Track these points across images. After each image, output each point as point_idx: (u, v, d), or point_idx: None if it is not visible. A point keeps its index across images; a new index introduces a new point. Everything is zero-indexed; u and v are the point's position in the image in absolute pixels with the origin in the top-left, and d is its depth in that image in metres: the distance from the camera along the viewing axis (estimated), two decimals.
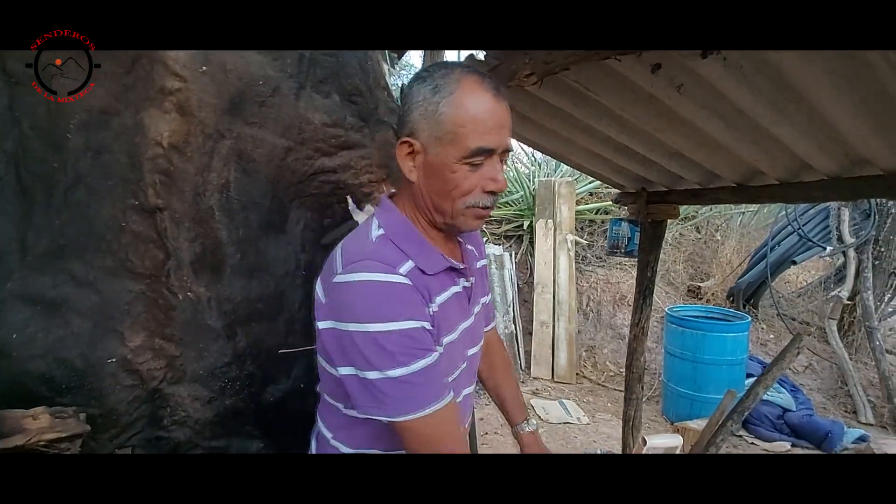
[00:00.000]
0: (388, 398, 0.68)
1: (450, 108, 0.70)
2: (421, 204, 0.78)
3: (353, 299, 0.70)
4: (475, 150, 0.70)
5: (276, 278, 1.16)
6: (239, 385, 1.12)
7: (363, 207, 1.26)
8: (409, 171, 0.76)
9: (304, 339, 1.20)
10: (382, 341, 0.67)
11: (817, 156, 1.46)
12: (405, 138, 0.75)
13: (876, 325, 3.96)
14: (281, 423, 1.20)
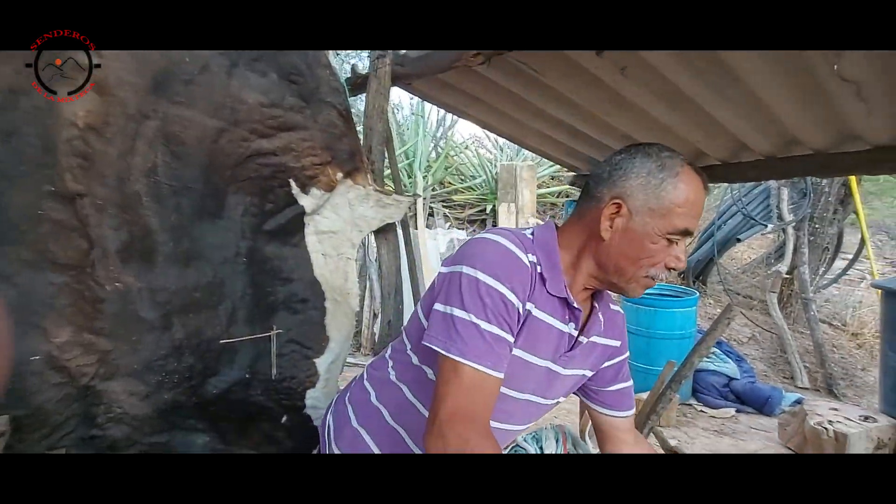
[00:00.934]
0: (458, 336, 0.72)
1: (672, 187, 0.76)
2: (601, 259, 0.82)
3: (480, 251, 0.77)
4: (680, 230, 0.77)
5: (215, 266, 1.12)
6: (178, 378, 1.08)
7: (308, 191, 1.22)
8: (606, 229, 0.79)
9: (248, 327, 1.16)
10: (483, 290, 0.73)
11: (754, 137, 1.52)
12: (616, 200, 0.78)
13: (811, 297, 4.25)
14: (227, 415, 1.17)
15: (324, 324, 1.28)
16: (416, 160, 5.41)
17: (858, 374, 4.13)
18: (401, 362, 0.91)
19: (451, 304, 0.74)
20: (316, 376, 1.26)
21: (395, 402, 0.90)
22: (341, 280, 1.35)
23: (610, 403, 0.99)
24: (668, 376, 1.68)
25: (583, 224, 0.83)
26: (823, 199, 4.27)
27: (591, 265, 0.83)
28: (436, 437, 0.69)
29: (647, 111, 1.46)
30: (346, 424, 0.95)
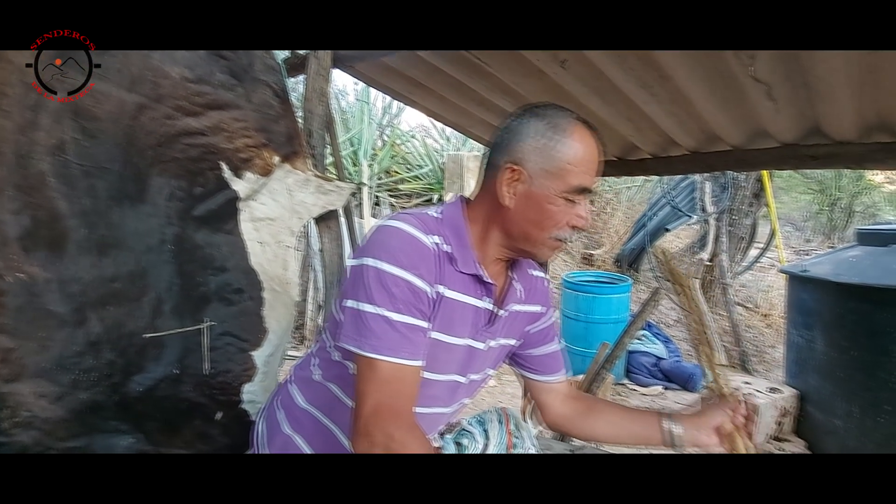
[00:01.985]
0: (370, 332, 0.70)
1: (564, 146, 0.76)
2: (507, 227, 0.81)
3: (381, 239, 0.75)
4: (577, 188, 0.77)
5: (137, 254, 1.03)
6: (96, 376, 0.99)
7: (242, 175, 1.15)
8: (508, 196, 0.78)
9: (177, 320, 1.09)
10: (388, 281, 0.71)
11: (680, 132, 1.62)
12: (512, 164, 0.77)
13: (729, 282, 4.65)
14: (153, 414, 1.09)
15: (261, 315, 1.22)
16: (361, 148, 5.29)
17: (768, 351, 4.58)
18: (324, 360, 0.88)
19: (359, 298, 0.72)
20: (253, 370, 1.20)
21: (324, 401, 0.87)
22: (280, 269, 1.30)
23: (539, 368, 1.00)
24: (603, 357, 1.77)
25: (487, 194, 0.81)
26: (741, 193, 4.66)
27: (498, 235, 0.82)
28: (361, 436, 0.68)
29: (584, 104, 1.51)
30: (276, 431, 0.91)
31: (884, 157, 1.33)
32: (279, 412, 0.93)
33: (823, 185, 8.93)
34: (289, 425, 0.90)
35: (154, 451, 1.13)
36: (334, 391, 0.86)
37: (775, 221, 4.94)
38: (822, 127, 1.34)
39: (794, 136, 1.44)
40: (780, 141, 1.49)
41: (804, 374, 2.73)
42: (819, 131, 1.37)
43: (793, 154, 1.50)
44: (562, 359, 1.03)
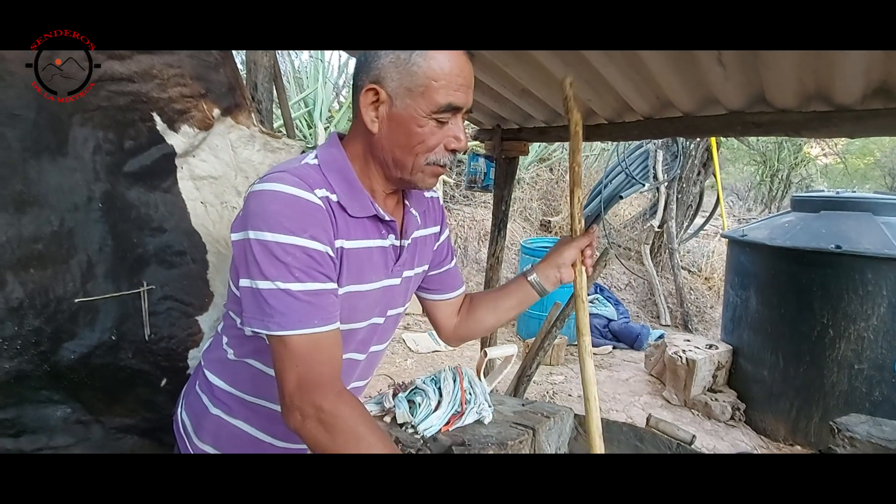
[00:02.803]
0: (272, 310, 0.65)
1: (424, 60, 0.68)
2: (379, 156, 0.74)
3: (260, 208, 0.67)
4: (445, 106, 0.69)
5: (61, 213, 0.94)
6: (21, 344, 0.92)
7: (178, 128, 1.06)
8: (372, 121, 0.72)
9: (111, 284, 1.02)
10: (278, 252, 0.65)
11: (636, 97, 1.64)
12: (371, 85, 0.70)
13: (676, 247, 4.90)
14: (90, 383, 1.03)
15: (206, 278, 1.17)
16: (316, 109, 5.05)
17: (708, 312, 4.91)
18: (235, 338, 0.82)
19: (253, 276, 0.66)
20: (199, 335, 1.16)
21: (245, 378, 0.82)
22: (226, 231, 1.23)
23: (440, 287, 0.98)
24: (554, 316, 1.84)
25: (358, 123, 0.74)
26: (690, 161, 4.85)
27: (375, 166, 0.75)
28: (291, 413, 0.65)
29: (544, 65, 1.49)
30: (205, 414, 0.84)
31: (819, 126, 1.41)
32: (202, 396, 0.86)
33: (765, 157, 9.43)
34: (215, 406, 0.84)
35: (93, 420, 1.08)
36: (254, 365, 0.81)
37: (720, 191, 5.19)
38: (766, 95, 1.39)
39: (740, 103, 1.49)
40: (728, 108, 1.53)
41: (739, 330, 2.96)
42: (763, 99, 1.43)
43: (738, 121, 1.55)
44: (459, 275, 1.03)
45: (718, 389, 3.01)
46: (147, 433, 1.17)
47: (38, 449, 1.01)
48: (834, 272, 2.43)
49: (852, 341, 2.41)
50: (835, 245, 2.40)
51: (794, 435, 2.63)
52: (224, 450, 0.83)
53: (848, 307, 2.39)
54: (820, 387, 2.51)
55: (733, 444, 2.62)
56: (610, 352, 4.00)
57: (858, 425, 0.98)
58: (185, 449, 0.85)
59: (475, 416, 1.10)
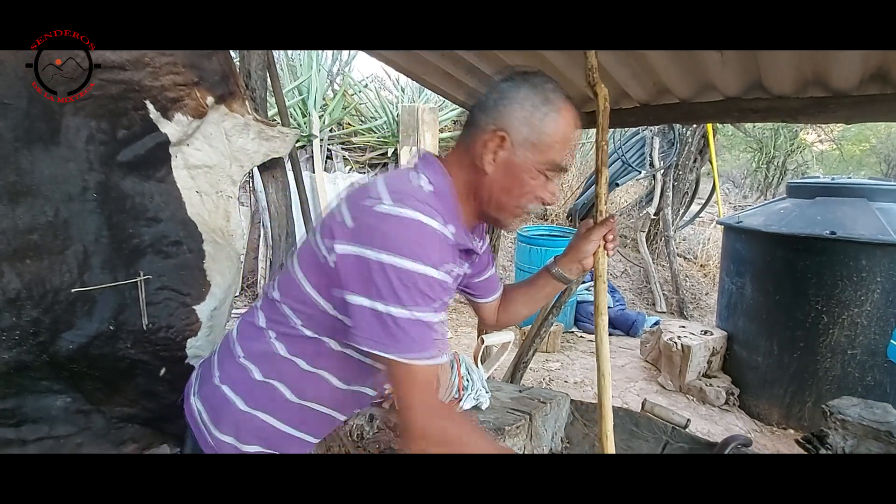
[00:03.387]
0: (406, 337, 0.67)
1: (554, 121, 0.75)
2: (483, 195, 0.79)
3: (402, 234, 0.67)
4: (557, 165, 0.77)
5: (56, 203, 0.94)
6: (19, 335, 0.92)
7: (171, 117, 1.05)
8: (489, 162, 0.76)
9: (108, 274, 1.02)
10: (422, 284, 0.67)
11: (633, 84, 1.63)
12: (500, 131, 0.75)
13: (672, 235, 4.91)
14: (89, 372, 1.03)
15: (203, 268, 1.16)
16: (310, 97, 5.00)
17: (703, 298, 4.94)
18: (287, 335, 0.81)
19: (384, 300, 0.67)
20: (197, 324, 1.16)
21: (293, 376, 0.81)
22: (222, 220, 1.23)
23: (483, 293, 1.05)
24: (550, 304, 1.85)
25: (466, 156, 0.79)
26: (686, 149, 4.84)
27: (472, 200, 0.80)
28: (419, 439, 0.69)
29: (541, 52, 1.48)
30: (229, 408, 0.82)
31: (815, 112, 1.40)
32: (229, 389, 0.83)
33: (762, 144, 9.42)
34: (248, 403, 0.82)
35: (94, 409, 1.08)
36: (301, 365, 0.80)
37: (716, 178, 5.20)
38: (763, 81, 1.38)
39: (737, 89, 1.48)
40: (725, 94, 1.53)
41: (733, 317, 2.98)
42: (760, 85, 1.42)
43: (735, 107, 1.55)
44: (498, 279, 1.10)
45: (713, 375, 3.05)
46: (148, 422, 1.18)
47: (39, 438, 1.02)
48: (828, 258, 2.44)
49: (846, 327, 2.43)
50: (829, 231, 2.41)
51: (788, 419, 2.67)
52: (245, 441, 0.81)
53: (842, 293, 2.41)
54: (813, 372, 2.54)
55: (727, 429, 2.66)
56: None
57: (850, 408, 1.00)
58: (203, 438, 0.82)
59: (472, 402, 1.12)
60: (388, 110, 5.32)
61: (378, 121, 5.33)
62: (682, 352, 2.98)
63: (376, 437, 0.93)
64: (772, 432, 2.69)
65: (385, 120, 5.29)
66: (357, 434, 0.93)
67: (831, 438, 0.94)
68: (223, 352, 0.87)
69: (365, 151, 5.31)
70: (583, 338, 4.06)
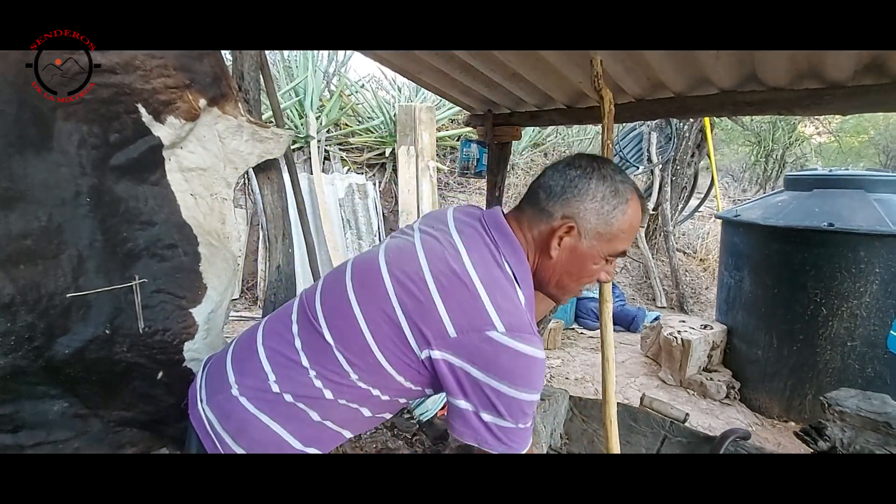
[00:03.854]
0: (510, 441, 0.73)
1: (623, 214, 0.78)
2: (545, 276, 0.82)
3: (517, 368, 0.71)
4: (620, 252, 0.82)
5: (49, 208, 0.93)
6: (14, 340, 0.92)
7: (164, 120, 1.05)
8: (555, 248, 0.79)
9: (103, 278, 1.01)
10: (528, 407, 0.73)
11: (628, 79, 1.62)
12: (570, 222, 0.78)
13: (671, 230, 4.91)
14: (86, 377, 1.03)
15: (198, 270, 1.16)
16: (306, 98, 4.99)
17: (703, 293, 4.94)
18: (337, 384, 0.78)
19: (494, 414, 0.72)
20: (194, 327, 1.16)
21: (327, 406, 0.80)
22: (218, 223, 1.23)
23: None
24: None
25: (533, 236, 0.81)
26: (684, 143, 4.83)
27: (534, 278, 0.83)
28: None
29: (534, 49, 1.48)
30: (246, 418, 0.79)
31: (811, 103, 1.40)
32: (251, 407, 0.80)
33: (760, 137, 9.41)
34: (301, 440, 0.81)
35: (91, 414, 1.08)
36: (340, 401, 0.79)
37: (715, 172, 5.19)
38: (758, 73, 1.38)
39: (731, 82, 1.48)
40: (719, 87, 1.52)
41: (733, 311, 2.98)
42: (755, 78, 1.42)
43: (730, 100, 1.54)
44: None
45: (713, 369, 3.05)
46: (147, 426, 1.18)
47: (37, 443, 1.02)
48: (826, 250, 2.44)
49: (845, 319, 2.43)
50: (827, 223, 2.41)
51: (789, 412, 2.67)
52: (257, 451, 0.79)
53: (841, 285, 2.41)
54: (813, 365, 2.54)
55: (728, 422, 2.66)
56: None
57: (848, 399, 1.00)
58: (213, 446, 0.80)
59: None
60: (385, 110, 5.32)
61: (375, 121, 5.32)
62: (683, 346, 2.98)
63: (374, 437, 0.93)
64: (773, 425, 2.70)
65: (382, 120, 5.28)
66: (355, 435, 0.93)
67: (829, 430, 0.94)
68: (246, 366, 0.83)
69: (362, 152, 5.31)
70: (583, 334, 4.06)
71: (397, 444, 0.87)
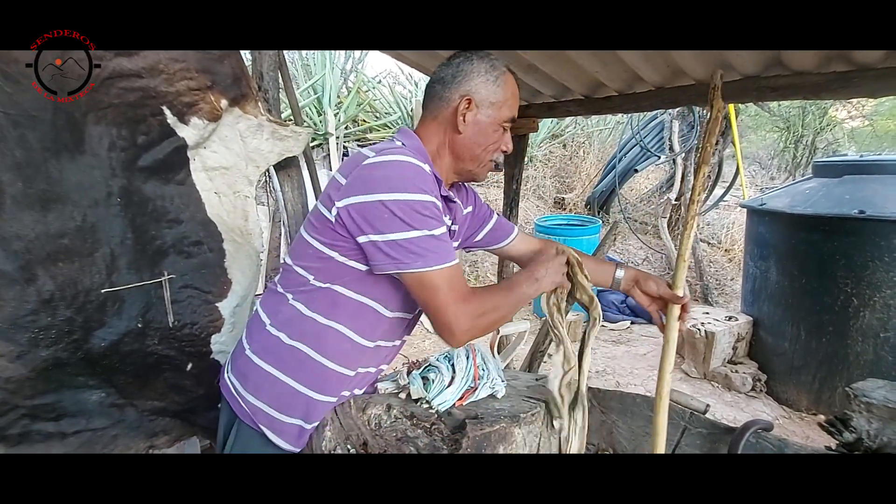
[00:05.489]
0: (422, 250, 0.80)
1: (504, 83, 0.94)
2: (458, 151, 0.95)
3: (390, 174, 0.81)
4: (510, 118, 0.96)
5: (83, 209, 0.98)
6: (55, 333, 0.97)
7: (188, 121, 1.09)
8: (461, 123, 0.92)
9: (134, 274, 1.06)
10: (419, 206, 0.80)
11: (646, 68, 1.60)
12: (466, 96, 0.91)
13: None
14: (121, 368, 1.09)
15: (224, 266, 1.21)
16: (324, 95, 5.05)
17: (728, 284, 4.82)
18: (303, 292, 0.91)
19: (394, 230, 0.79)
20: (220, 321, 1.20)
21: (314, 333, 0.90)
22: (241, 220, 1.27)
23: (492, 241, 1.18)
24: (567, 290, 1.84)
25: (438, 123, 0.94)
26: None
27: (449, 160, 0.96)
28: (458, 337, 0.82)
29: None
30: (260, 374, 0.92)
31: (839, 87, 1.35)
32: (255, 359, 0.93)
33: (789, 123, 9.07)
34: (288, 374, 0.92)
35: (127, 403, 1.14)
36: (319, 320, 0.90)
37: (740, 160, 5.04)
38: (783, 57, 1.34)
39: (755, 68, 1.44)
40: (742, 73, 1.48)
41: (758, 302, 2.91)
42: (780, 62, 1.38)
43: (753, 86, 1.50)
44: (505, 224, 1.21)
45: (739, 361, 2.98)
46: (178, 415, 1.24)
47: (77, 431, 1.08)
48: (857, 239, 2.35)
49: (878, 310, 2.35)
50: (858, 210, 2.32)
51: (818, 405, 2.60)
52: (277, 406, 0.90)
53: (873, 275, 2.33)
54: (844, 357, 2.46)
55: (753, 415, 2.60)
56: (628, 327, 3.99)
57: (875, 390, 0.97)
58: (238, 405, 0.92)
59: (488, 391, 1.12)
60: (402, 105, 5.34)
61: (392, 116, 5.35)
62: (706, 338, 2.93)
63: (394, 425, 0.95)
64: (801, 418, 2.63)
65: (399, 115, 5.31)
66: (375, 423, 0.95)
67: (855, 421, 0.92)
68: (252, 325, 0.97)
69: None
70: (603, 326, 4.03)
71: (416, 433, 0.89)
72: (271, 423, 0.89)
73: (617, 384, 2.97)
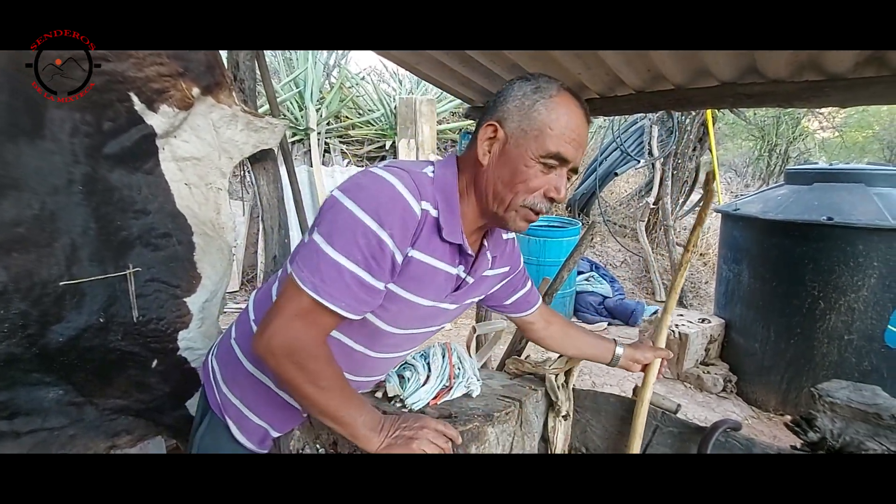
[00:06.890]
0: (320, 272, 0.69)
1: (545, 108, 0.74)
2: (481, 187, 0.78)
3: (369, 186, 0.71)
4: (554, 153, 0.74)
5: (42, 196, 0.93)
6: (8, 327, 0.92)
7: (157, 108, 1.04)
8: (484, 154, 0.77)
9: (97, 267, 1.02)
10: (360, 231, 0.68)
11: (627, 71, 1.61)
12: (492, 122, 0.76)
13: (671, 224, 4.89)
14: (80, 364, 1.04)
15: (193, 260, 1.17)
16: (306, 90, 4.97)
17: (703, 287, 4.93)
18: None
19: (322, 234, 0.70)
20: (188, 316, 1.16)
21: None
22: (213, 213, 1.23)
23: (514, 309, 1.08)
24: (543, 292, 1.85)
25: (470, 156, 0.79)
26: (685, 136, 4.80)
27: (474, 198, 0.80)
28: (266, 350, 0.70)
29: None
30: (238, 368, 0.88)
31: (811, 95, 1.39)
32: (238, 350, 0.89)
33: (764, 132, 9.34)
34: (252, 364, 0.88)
35: (86, 401, 1.09)
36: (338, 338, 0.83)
37: (716, 166, 5.16)
38: (758, 65, 1.37)
39: (732, 74, 1.47)
40: (720, 79, 1.51)
41: (731, 304, 2.98)
42: (755, 70, 1.41)
43: (730, 92, 1.53)
44: (533, 295, 1.10)
45: (711, 363, 3.05)
46: (141, 413, 1.19)
47: (32, 430, 1.03)
48: (825, 244, 2.43)
49: (843, 313, 2.43)
50: (826, 217, 2.39)
51: (785, 405, 2.67)
52: (249, 404, 0.87)
53: (839, 279, 2.40)
54: (810, 358, 2.54)
55: (724, 415, 2.66)
56: (605, 329, 4.04)
57: (839, 391, 1.00)
58: (212, 394, 0.89)
59: (464, 390, 1.12)
60: (386, 103, 5.30)
61: (375, 113, 5.31)
62: (680, 340, 2.99)
63: None
64: (769, 418, 2.70)
65: (382, 112, 5.27)
66: None
67: (819, 421, 0.94)
68: (242, 317, 0.92)
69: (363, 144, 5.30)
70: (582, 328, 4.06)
71: None
72: (239, 419, 0.86)
73: (593, 384, 3.01)
